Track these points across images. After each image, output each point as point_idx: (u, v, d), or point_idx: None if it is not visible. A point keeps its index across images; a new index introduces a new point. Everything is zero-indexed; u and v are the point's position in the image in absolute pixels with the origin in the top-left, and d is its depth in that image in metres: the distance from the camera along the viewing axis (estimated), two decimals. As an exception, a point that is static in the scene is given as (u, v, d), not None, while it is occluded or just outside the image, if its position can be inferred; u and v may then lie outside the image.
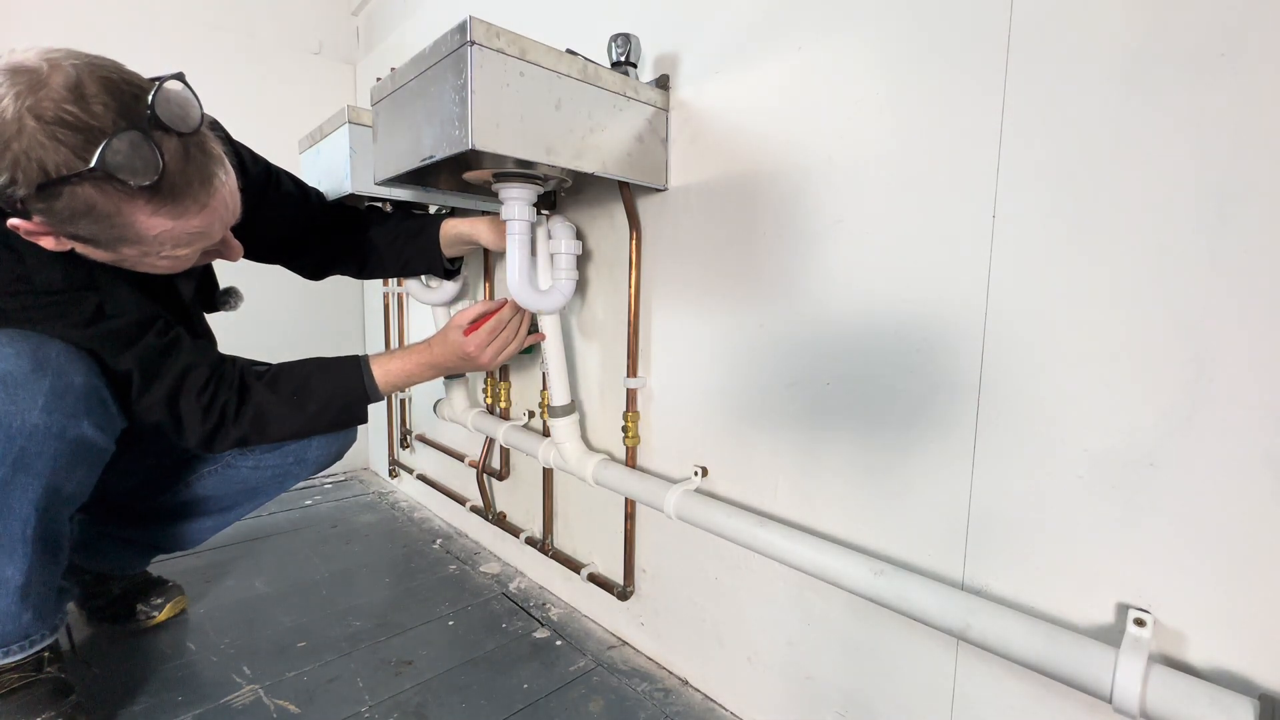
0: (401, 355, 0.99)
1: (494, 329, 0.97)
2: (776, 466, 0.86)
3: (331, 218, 1.15)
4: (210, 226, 0.73)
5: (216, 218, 0.74)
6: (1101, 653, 0.55)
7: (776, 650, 0.90)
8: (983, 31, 0.63)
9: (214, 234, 0.75)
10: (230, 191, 0.75)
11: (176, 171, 0.66)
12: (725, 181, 0.89)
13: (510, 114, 0.75)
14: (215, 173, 0.71)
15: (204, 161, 0.70)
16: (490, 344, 0.97)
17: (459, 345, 0.96)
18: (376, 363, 0.97)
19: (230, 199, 0.75)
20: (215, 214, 0.73)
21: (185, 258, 0.77)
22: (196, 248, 0.76)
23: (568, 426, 1.08)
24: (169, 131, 0.65)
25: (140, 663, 1.06)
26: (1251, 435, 0.50)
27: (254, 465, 1.06)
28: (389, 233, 1.15)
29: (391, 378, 0.98)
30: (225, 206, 0.74)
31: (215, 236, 0.76)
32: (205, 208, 0.71)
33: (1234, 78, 0.50)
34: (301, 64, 1.93)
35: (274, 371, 0.94)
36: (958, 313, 0.67)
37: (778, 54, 0.81)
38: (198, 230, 0.72)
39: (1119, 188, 0.56)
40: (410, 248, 1.14)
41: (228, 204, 0.75)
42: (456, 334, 0.96)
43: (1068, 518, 0.61)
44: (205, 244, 0.76)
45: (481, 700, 0.98)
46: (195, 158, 0.68)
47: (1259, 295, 0.50)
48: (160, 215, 0.67)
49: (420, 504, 1.84)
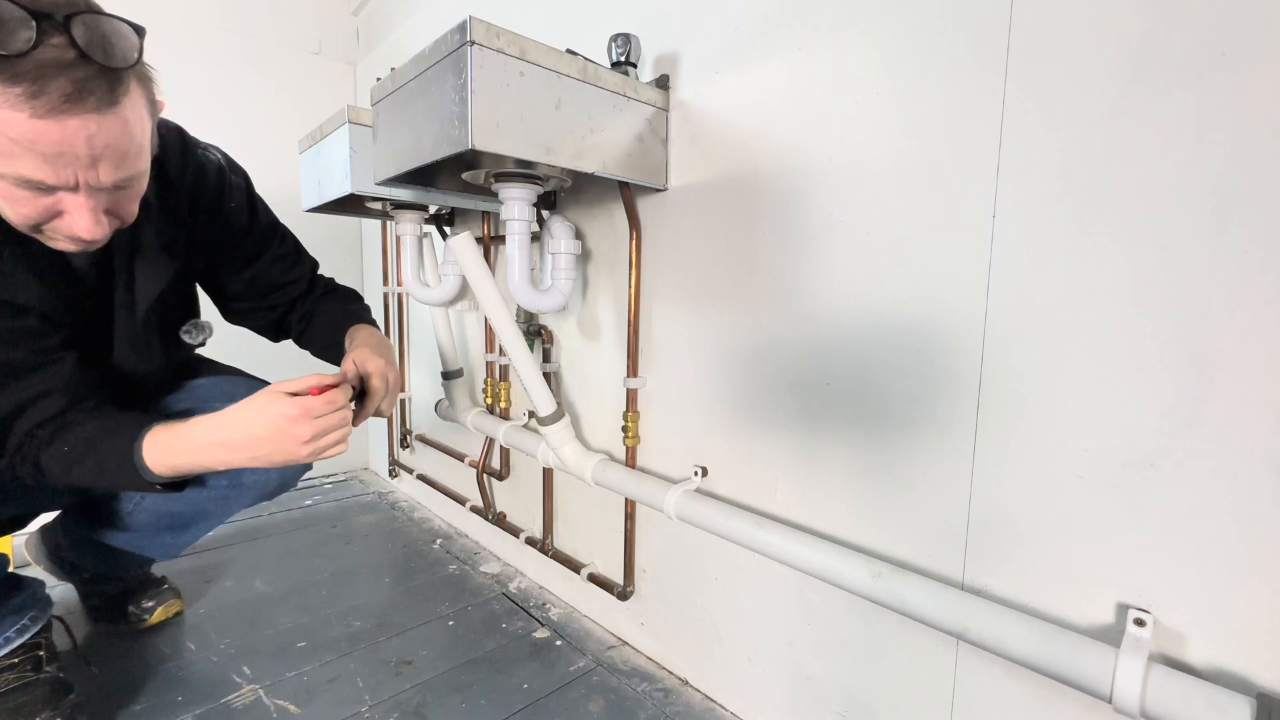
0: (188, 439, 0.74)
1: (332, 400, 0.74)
2: (776, 466, 0.86)
3: (303, 290, 1.06)
4: (43, 146, 0.57)
5: (60, 145, 0.58)
6: (1101, 653, 0.55)
7: (776, 650, 0.90)
8: (983, 32, 0.63)
9: (49, 171, 0.59)
10: (109, 136, 0.60)
11: (41, 65, 0.54)
12: (725, 181, 0.89)
13: (510, 114, 0.75)
14: (93, 100, 0.57)
15: (90, 84, 0.57)
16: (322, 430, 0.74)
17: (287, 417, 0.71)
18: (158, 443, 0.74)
19: (100, 145, 0.60)
20: (61, 138, 0.57)
21: (18, 198, 0.62)
22: (21, 175, 0.59)
23: (560, 432, 1.08)
24: (72, 44, 0.55)
25: (140, 663, 1.06)
26: (1252, 435, 0.50)
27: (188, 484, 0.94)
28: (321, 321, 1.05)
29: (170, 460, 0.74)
30: (87, 143, 0.59)
31: (51, 176, 0.60)
32: (44, 118, 0.56)
33: (1234, 78, 0.50)
34: (301, 64, 1.93)
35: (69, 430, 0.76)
36: (958, 313, 0.67)
37: (778, 54, 0.81)
38: (22, 138, 0.56)
39: (1119, 188, 0.56)
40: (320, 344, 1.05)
41: (93, 143, 0.59)
42: (287, 402, 0.72)
43: (1068, 518, 0.61)
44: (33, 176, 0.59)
45: (481, 700, 0.98)
46: (78, 74, 0.56)
47: (1259, 295, 0.50)
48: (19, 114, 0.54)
49: (420, 504, 1.84)
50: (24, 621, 0.91)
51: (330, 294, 1.09)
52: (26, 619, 0.91)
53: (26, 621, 0.91)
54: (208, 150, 0.93)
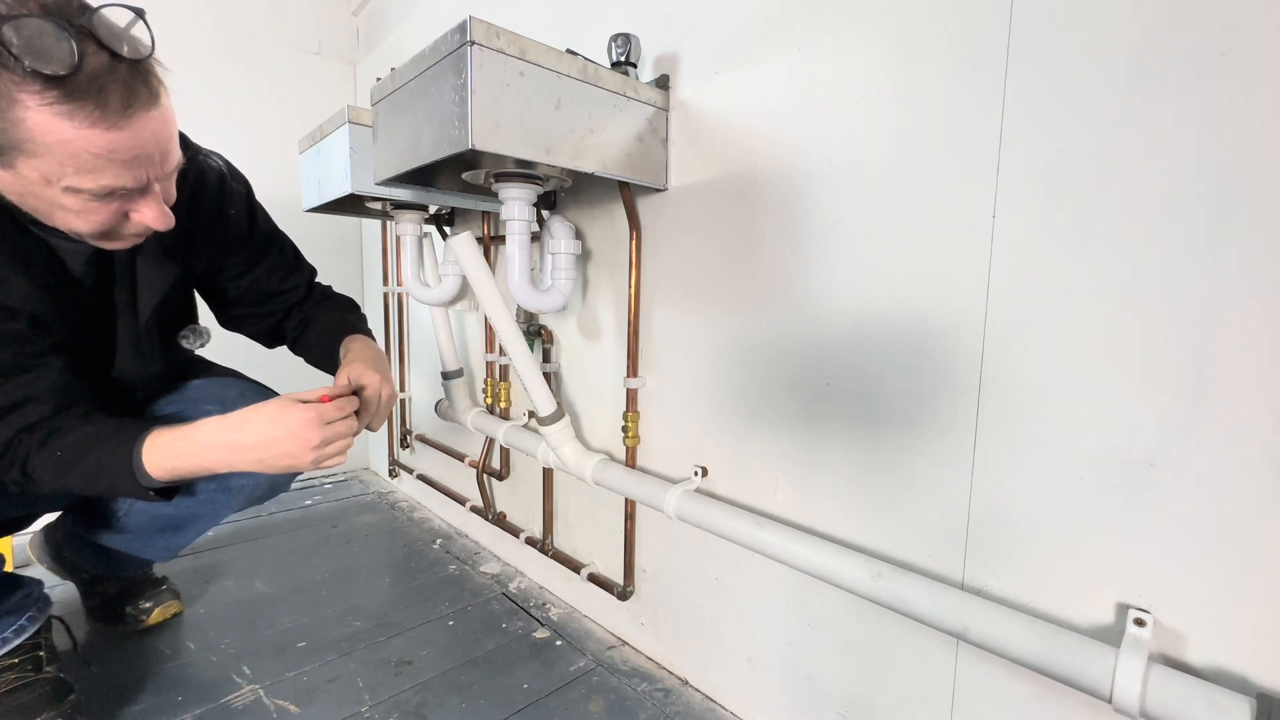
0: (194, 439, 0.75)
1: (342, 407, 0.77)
2: (776, 466, 0.86)
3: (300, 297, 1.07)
4: (122, 154, 0.60)
5: (136, 148, 0.61)
6: (1101, 653, 0.55)
7: (777, 650, 0.90)
8: (983, 32, 0.63)
9: (129, 175, 0.62)
10: (164, 127, 0.64)
11: (92, 76, 0.56)
12: (725, 181, 0.89)
13: (510, 114, 0.75)
14: (143, 96, 0.60)
15: (133, 83, 0.59)
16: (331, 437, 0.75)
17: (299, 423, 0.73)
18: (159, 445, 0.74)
19: (163, 138, 0.64)
20: (135, 141, 0.60)
21: (93, 209, 0.64)
22: (105, 186, 0.62)
23: (560, 432, 1.08)
24: (102, 47, 0.57)
25: (140, 663, 1.06)
26: (1252, 435, 0.50)
27: None
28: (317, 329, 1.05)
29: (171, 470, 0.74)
30: (154, 139, 0.63)
31: (130, 179, 0.63)
32: (116, 128, 0.59)
33: (1234, 78, 0.50)
34: (301, 64, 1.94)
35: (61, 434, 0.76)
36: (958, 313, 0.67)
37: (778, 54, 0.81)
38: (104, 152, 0.59)
39: (1119, 188, 0.56)
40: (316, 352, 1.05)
41: (158, 138, 0.63)
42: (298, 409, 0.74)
43: (1068, 518, 0.61)
44: (116, 184, 0.62)
45: (481, 700, 0.98)
46: (123, 76, 0.58)
47: (1259, 295, 0.50)
48: (59, 117, 0.56)
49: (420, 504, 1.84)
50: (22, 621, 0.91)
51: (327, 301, 1.09)
52: (24, 619, 0.91)
53: (24, 621, 0.91)
54: (209, 157, 0.93)
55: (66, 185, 0.61)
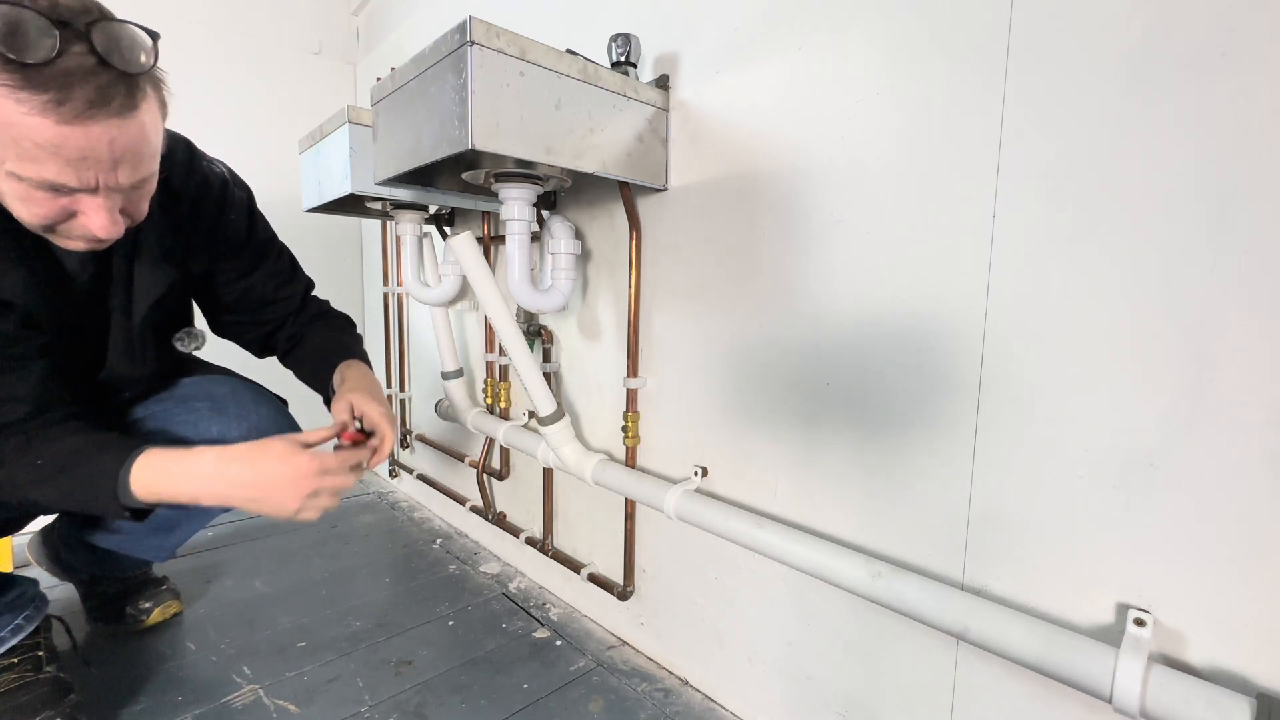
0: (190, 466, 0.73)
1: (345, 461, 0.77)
2: (776, 466, 0.86)
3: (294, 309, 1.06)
4: (68, 151, 0.59)
5: (84, 149, 0.60)
6: (1101, 653, 0.55)
7: (776, 650, 0.90)
8: (983, 31, 0.63)
9: (71, 174, 0.61)
10: (128, 139, 0.62)
11: (64, 71, 0.56)
12: (725, 181, 0.89)
13: (510, 114, 0.75)
14: (115, 105, 0.59)
15: (110, 90, 0.59)
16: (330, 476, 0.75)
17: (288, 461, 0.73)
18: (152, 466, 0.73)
19: (120, 148, 0.62)
20: (85, 143, 0.59)
21: (36, 199, 0.63)
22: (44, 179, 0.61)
23: (560, 432, 1.08)
24: (92, 51, 0.57)
25: (140, 663, 1.06)
26: (1252, 435, 0.50)
27: None
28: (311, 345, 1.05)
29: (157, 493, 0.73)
30: (109, 147, 0.61)
31: (74, 179, 0.62)
32: (67, 123, 0.57)
33: (1234, 78, 0.50)
34: (301, 64, 1.94)
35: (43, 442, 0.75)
36: (958, 312, 0.67)
37: (778, 54, 0.81)
38: (47, 144, 0.58)
39: (1119, 188, 0.56)
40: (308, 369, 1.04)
41: (115, 146, 0.61)
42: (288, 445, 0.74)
43: (1068, 518, 0.61)
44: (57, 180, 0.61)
45: (481, 700, 0.98)
46: (101, 81, 0.58)
47: (1259, 295, 0.50)
48: (8, 99, 0.56)
49: (420, 504, 1.84)
50: (18, 621, 0.90)
51: (323, 318, 1.08)
52: (21, 618, 0.91)
53: (21, 621, 0.91)
54: (213, 163, 0.94)
55: (8, 169, 0.60)
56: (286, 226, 1.08)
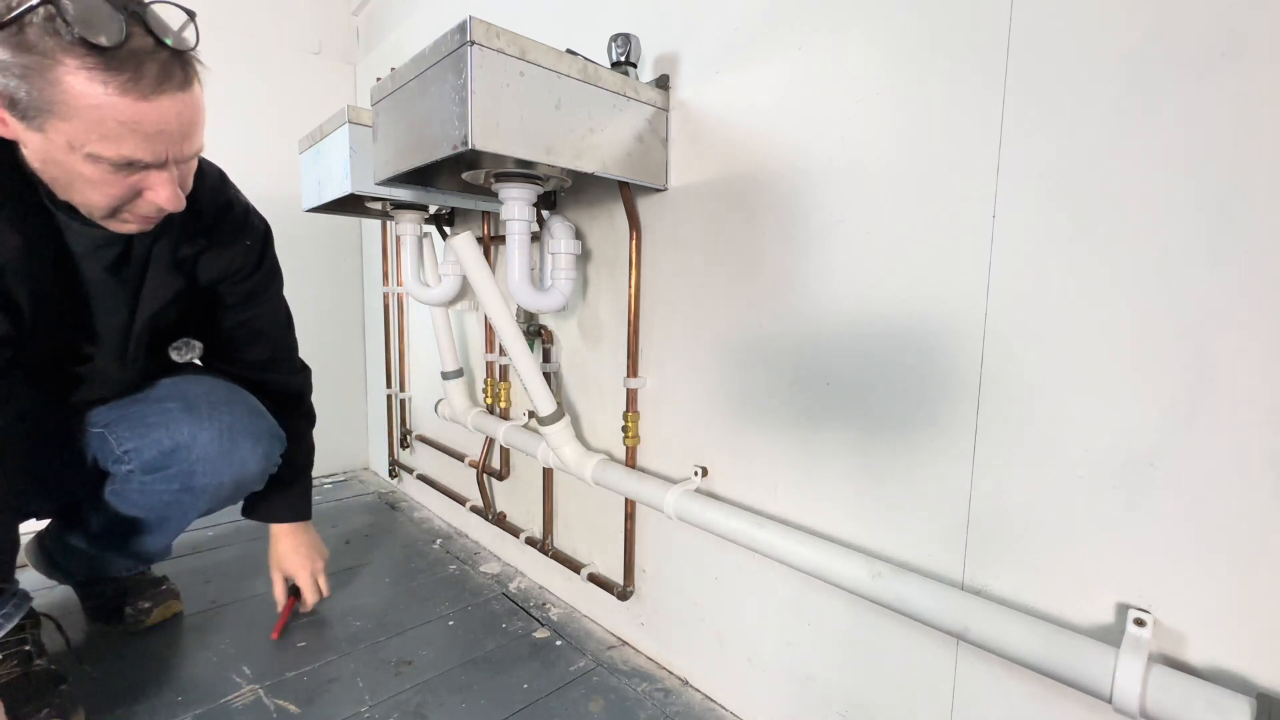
0: None
1: None
2: (776, 466, 0.86)
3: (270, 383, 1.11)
4: (146, 126, 0.65)
5: (159, 123, 0.66)
6: (1101, 653, 0.55)
7: (776, 650, 0.90)
8: (983, 31, 0.63)
9: (148, 149, 0.67)
10: (190, 112, 0.70)
11: (133, 52, 0.62)
12: (725, 181, 0.89)
13: (510, 114, 0.75)
14: (177, 80, 0.66)
15: (170, 66, 0.66)
16: None
17: None
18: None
19: (186, 121, 0.70)
20: (159, 117, 0.66)
21: (110, 181, 0.69)
22: (125, 156, 0.66)
23: (560, 432, 1.08)
24: (149, 32, 0.64)
25: (140, 663, 1.05)
26: (1252, 435, 0.50)
27: (139, 488, 0.98)
28: None
29: None
30: (178, 119, 0.68)
31: (149, 153, 0.68)
32: (145, 99, 0.64)
33: (1234, 78, 0.50)
34: (301, 64, 1.93)
35: None
36: (958, 312, 0.67)
37: (778, 54, 0.81)
38: (129, 120, 0.64)
39: (1119, 187, 0.56)
40: None
41: (182, 119, 0.69)
42: None
43: (1068, 518, 0.61)
44: (136, 156, 0.67)
45: (481, 700, 0.98)
46: (162, 58, 0.65)
47: (1260, 295, 0.50)
48: (94, 82, 0.61)
49: (420, 504, 1.84)
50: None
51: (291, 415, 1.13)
52: None
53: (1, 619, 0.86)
54: (240, 194, 1.00)
55: (89, 152, 0.65)
56: (286, 226, 1.09)
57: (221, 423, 0.97)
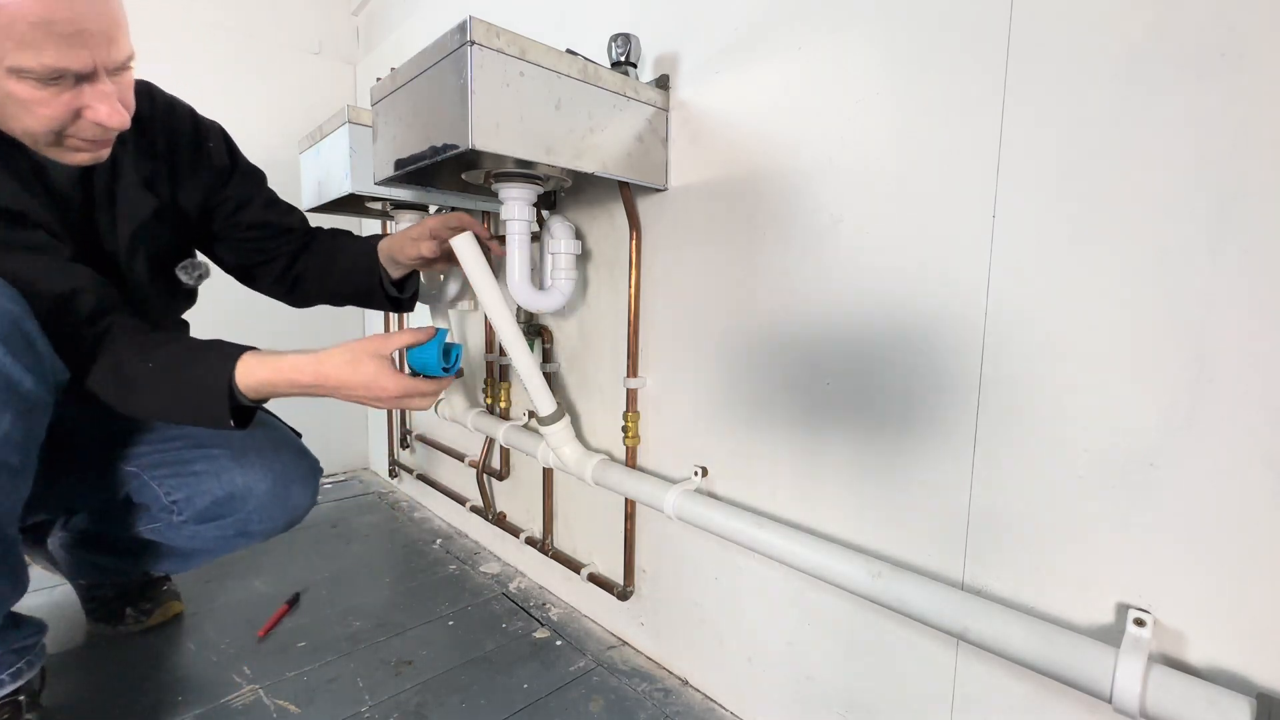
0: (290, 366, 0.76)
1: None
2: (776, 466, 0.86)
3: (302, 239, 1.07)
4: (60, 25, 0.60)
5: (75, 20, 0.61)
6: (1101, 653, 0.55)
7: (776, 650, 0.90)
8: (983, 32, 0.63)
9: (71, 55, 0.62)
10: (113, 18, 0.64)
11: None
12: (725, 181, 0.89)
13: (510, 114, 0.75)
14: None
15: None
16: (415, 397, 0.81)
17: (377, 382, 0.78)
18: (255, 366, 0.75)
19: (107, 19, 0.64)
20: (72, 14, 0.61)
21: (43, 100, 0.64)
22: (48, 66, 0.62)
23: (560, 432, 1.07)
24: None
25: (140, 663, 1.06)
26: (1252, 435, 0.50)
27: (190, 536, 0.97)
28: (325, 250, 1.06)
29: (266, 390, 0.76)
30: (97, 17, 0.63)
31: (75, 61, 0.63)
32: None
33: (1234, 78, 0.50)
34: (301, 64, 1.93)
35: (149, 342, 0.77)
36: (958, 313, 0.67)
37: (778, 54, 0.81)
38: (40, 20, 0.59)
39: (1119, 187, 0.56)
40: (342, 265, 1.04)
41: (102, 17, 0.63)
42: (378, 365, 0.79)
43: (1068, 518, 0.61)
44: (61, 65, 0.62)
45: (481, 700, 0.98)
46: None
47: (1259, 295, 0.50)
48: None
49: (420, 504, 1.84)
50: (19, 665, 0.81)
51: (334, 234, 1.10)
52: (22, 663, 0.81)
53: (23, 665, 0.81)
54: (175, 97, 0.95)
55: (10, 65, 0.61)
56: (286, 226, 1.08)
57: (274, 471, 0.95)
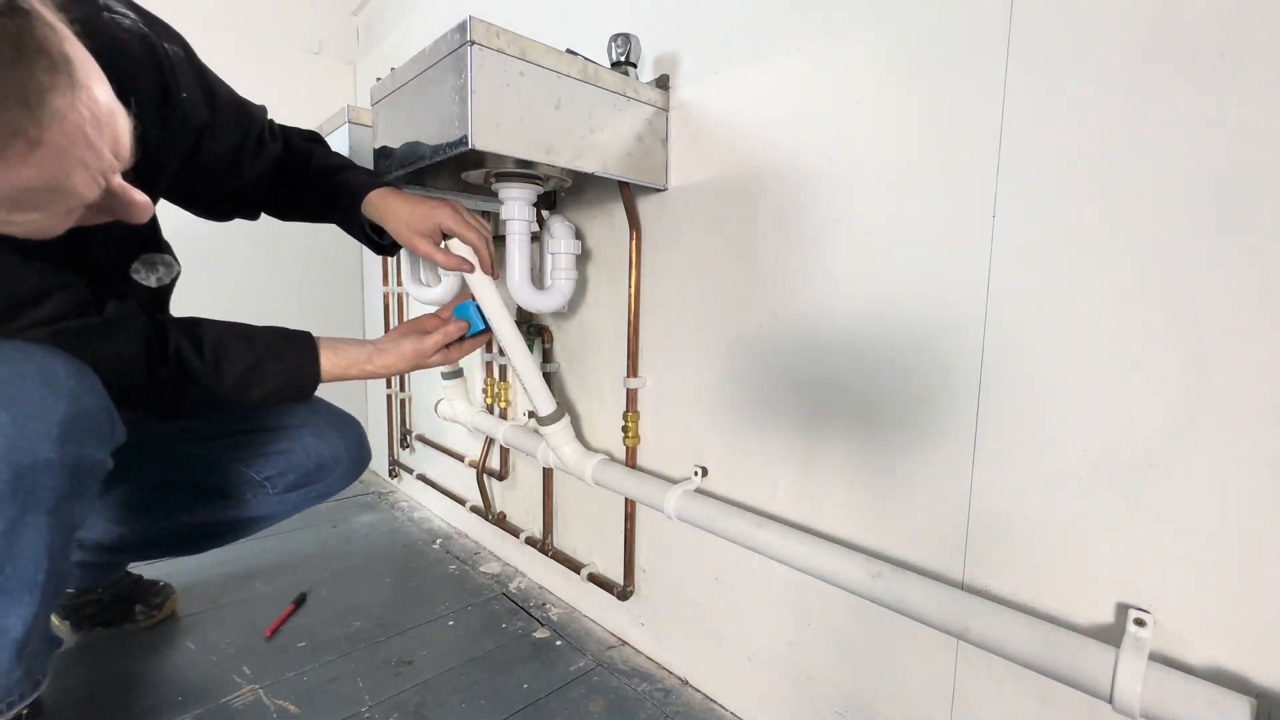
0: (347, 352, 0.83)
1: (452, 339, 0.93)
2: (776, 466, 0.86)
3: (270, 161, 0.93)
4: (58, 177, 0.45)
5: (67, 162, 0.45)
6: (1102, 653, 0.55)
7: (776, 650, 0.90)
8: (983, 31, 0.63)
9: (73, 188, 0.47)
10: (94, 118, 0.46)
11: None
12: (725, 181, 0.89)
13: (510, 114, 0.75)
14: (48, 84, 0.42)
15: (22, 64, 0.40)
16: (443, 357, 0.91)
17: (417, 355, 0.88)
18: (325, 354, 0.82)
19: (94, 129, 0.46)
20: (62, 156, 0.44)
21: (44, 225, 0.50)
22: (55, 211, 0.48)
23: (561, 432, 1.07)
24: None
25: (140, 663, 1.06)
26: (1252, 435, 0.50)
27: (278, 503, 1.03)
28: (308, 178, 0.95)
29: (336, 373, 0.83)
30: (83, 142, 0.46)
31: (78, 192, 0.48)
32: (38, 145, 0.42)
33: (1234, 78, 0.50)
34: (301, 64, 1.94)
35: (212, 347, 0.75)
36: (958, 313, 0.67)
37: (778, 54, 0.81)
38: (33, 185, 0.44)
39: (1119, 188, 0.56)
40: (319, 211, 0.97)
41: (87, 137, 0.46)
42: (412, 340, 0.88)
43: (1068, 518, 0.61)
44: (68, 205, 0.48)
45: (481, 700, 0.98)
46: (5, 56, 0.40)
47: (1259, 295, 0.50)
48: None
49: (420, 504, 1.84)
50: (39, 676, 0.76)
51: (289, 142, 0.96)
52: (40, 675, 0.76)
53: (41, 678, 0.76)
54: (113, 13, 0.65)
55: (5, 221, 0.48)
56: (287, 225, 1.08)
57: (349, 440, 1.03)
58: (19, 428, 0.58)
